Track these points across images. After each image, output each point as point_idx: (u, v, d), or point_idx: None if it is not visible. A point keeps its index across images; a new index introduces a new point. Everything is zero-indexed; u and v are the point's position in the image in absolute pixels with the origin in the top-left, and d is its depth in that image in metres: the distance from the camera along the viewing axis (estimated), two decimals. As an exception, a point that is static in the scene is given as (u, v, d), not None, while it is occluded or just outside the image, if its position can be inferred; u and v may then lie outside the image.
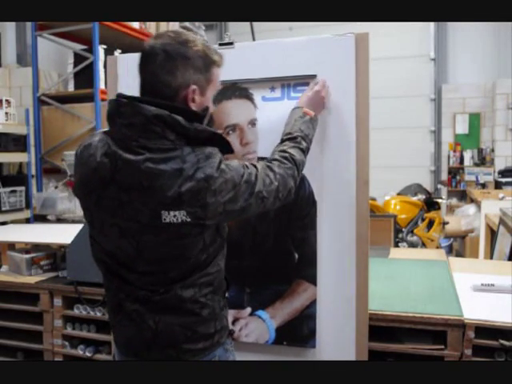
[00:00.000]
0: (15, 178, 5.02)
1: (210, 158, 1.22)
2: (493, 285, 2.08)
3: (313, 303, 1.80)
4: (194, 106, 1.28)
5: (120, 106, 1.24)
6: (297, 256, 1.82)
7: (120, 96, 1.27)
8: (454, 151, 7.87)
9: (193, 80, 1.27)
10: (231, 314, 1.83)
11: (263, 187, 1.32)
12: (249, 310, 1.86)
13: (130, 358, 1.38)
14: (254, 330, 1.85)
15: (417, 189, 5.80)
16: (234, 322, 1.86)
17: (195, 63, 1.27)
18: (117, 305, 1.35)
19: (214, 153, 1.24)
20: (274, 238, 1.83)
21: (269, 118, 1.79)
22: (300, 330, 1.82)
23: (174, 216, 1.20)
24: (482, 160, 7.71)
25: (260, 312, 1.85)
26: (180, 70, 1.25)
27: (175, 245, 1.25)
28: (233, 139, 1.80)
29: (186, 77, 1.26)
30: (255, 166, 1.35)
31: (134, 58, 2.01)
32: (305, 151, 1.53)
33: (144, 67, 1.28)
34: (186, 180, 1.19)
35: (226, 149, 1.32)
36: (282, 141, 1.54)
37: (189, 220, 1.21)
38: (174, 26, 5.78)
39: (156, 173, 1.19)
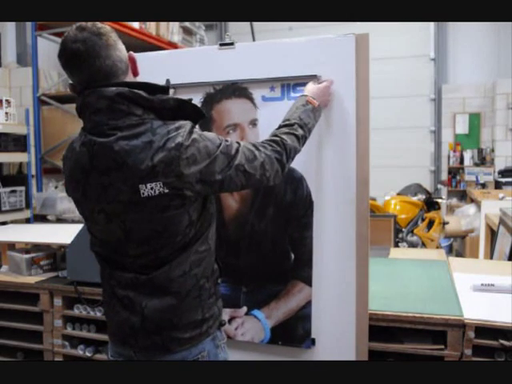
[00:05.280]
0: (15, 177, 5.02)
1: (180, 129, 1.25)
2: (493, 285, 2.08)
3: (308, 304, 1.80)
4: (138, 71, 1.36)
5: (85, 98, 1.28)
6: (293, 256, 1.82)
7: (84, 89, 1.30)
8: (454, 151, 7.87)
9: (125, 49, 1.33)
10: (227, 312, 1.84)
11: (245, 161, 1.32)
12: (245, 309, 1.86)
13: (118, 346, 1.38)
14: (249, 329, 1.86)
15: (417, 189, 5.80)
16: (230, 321, 1.86)
17: (116, 35, 1.31)
18: (110, 293, 1.38)
19: (184, 124, 1.27)
20: (272, 237, 1.84)
21: (269, 118, 1.79)
22: (295, 330, 1.82)
23: (151, 188, 1.22)
24: (482, 160, 7.71)
25: (256, 311, 1.85)
26: (117, 43, 1.30)
27: (158, 219, 1.26)
28: (234, 139, 1.80)
29: (122, 48, 1.31)
30: (237, 142, 1.36)
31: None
32: (300, 139, 1.49)
33: (89, 60, 1.26)
34: (157, 151, 1.21)
35: (199, 115, 1.35)
36: (280, 126, 1.52)
37: (166, 191, 1.22)
38: (174, 26, 5.79)
39: (127, 149, 1.22)
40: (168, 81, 1.39)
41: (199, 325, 1.34)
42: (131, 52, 1.34)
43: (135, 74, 1.36)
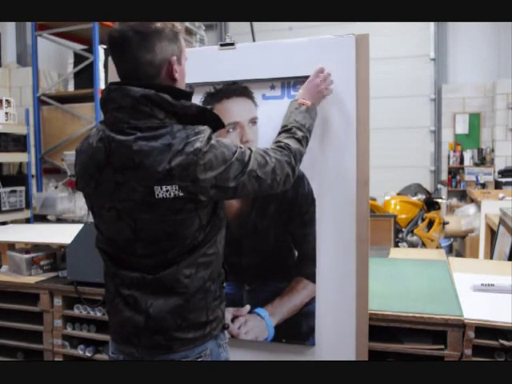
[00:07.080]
0: (15, 177, 5.03)
1: (199, 134, 1.25)
2: (493, 285, 2.08)
3: (312, 300, 1.81)
4: (177, 76, 1.33)
5: (110, 92, 1.29)
6: (296, 253, 1.82)
7: (111, 84, 1.31)
8: (454, 151, 7.87)
9: (170, 52, 1.31)
10: (230, 311, 1.84)
11: (257, 167, 1.33)
12: (248, 307, 1.86)
13: (120, 344, 1.38)
14: (253, 328, 1.85)
15: (417, 189, 5.81)
16: (233, 320, 1.86)
17: (167, 35, 1.30)
18: (114, 291, 1.38)
19: (204, 129, 1.28)
20: (274, 235, 1.84)
21: (269, 116, 1.79)
22: (299, 327, 1.82)
23: (167, 191, 1.23)
24: (482, 160, 7.71)
25: (259, 309, 1.85)
26: (157, 46, 1.28)
27: (170, 221, 1.26)
28: (233, 137, 1.81)
29: (164, 50, 1.29)
30: (249, 148, 1.37)
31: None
32: (301, 140, 1.51)
33: (121, 54, 1.29)
34: (176, 154, 1.22)
35: (218, 124, 1.36)
36: (279, 133, 1.54)
37: (182, 195, 1.23)
38: (174, 25, 5.79)
39: (146, 150, 1.23)
40: (191, 86, 1.40)
41: (203, 326, 1.35)
42: (173, 57, 1.31)
43: (173, 79, 1.33)
